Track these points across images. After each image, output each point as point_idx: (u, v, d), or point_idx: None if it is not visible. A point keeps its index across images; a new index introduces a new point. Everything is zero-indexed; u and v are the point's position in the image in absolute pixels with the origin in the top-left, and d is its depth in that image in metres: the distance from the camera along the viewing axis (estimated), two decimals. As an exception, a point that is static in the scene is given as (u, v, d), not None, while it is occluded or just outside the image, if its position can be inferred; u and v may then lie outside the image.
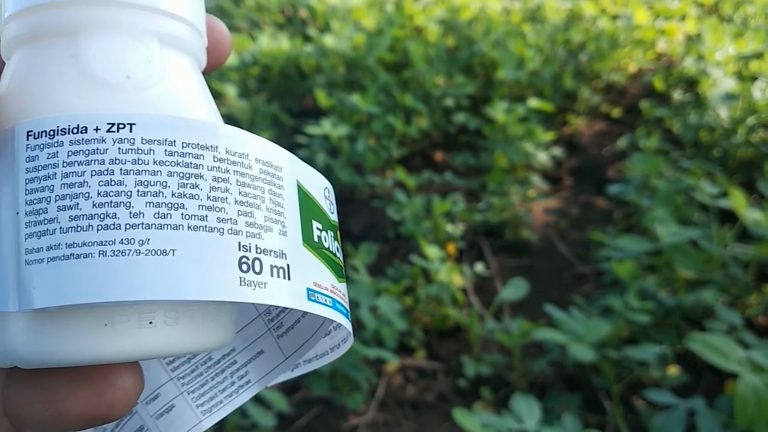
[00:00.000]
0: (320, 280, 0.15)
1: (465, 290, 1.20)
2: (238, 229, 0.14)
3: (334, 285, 0.16)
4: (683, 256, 1.00)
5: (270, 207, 0.14)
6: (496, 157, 1.44)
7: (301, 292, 0.14)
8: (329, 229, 0.16)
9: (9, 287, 0.13)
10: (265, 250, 0.14)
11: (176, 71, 0.15)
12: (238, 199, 0.14)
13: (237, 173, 0.14)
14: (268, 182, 0.14)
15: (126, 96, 0.14)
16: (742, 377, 0.73)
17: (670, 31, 1.93)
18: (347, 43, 1.73)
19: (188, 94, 0.15)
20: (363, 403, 0.99)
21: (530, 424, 0.78)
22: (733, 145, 1.41)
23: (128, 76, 0.14)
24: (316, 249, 0.15)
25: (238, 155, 0.14)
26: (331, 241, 0.16)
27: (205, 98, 0.16)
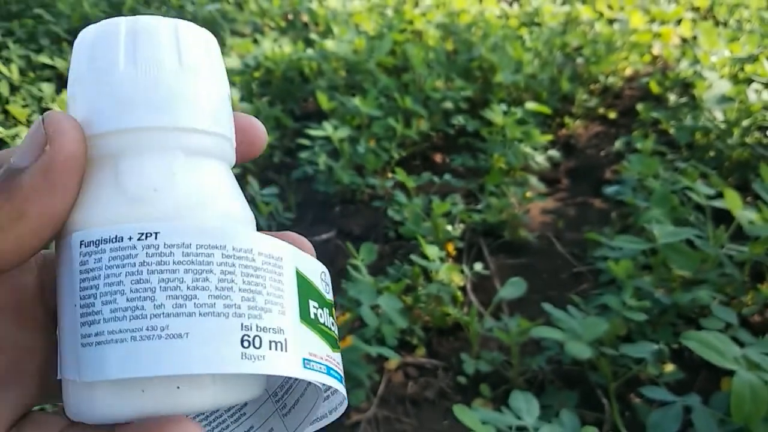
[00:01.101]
0: (316, 350, 0.18)
1: (464, 289, 1.22)
2: (241, 312, 0.16)
3: (329, 355, 0.18)
4: (679, 256, 1.01)
5: (270, 291, 0.17)
6: (495, 158, 1.46)
7: (297, 362, 0.17)
8: (325, 307, 0.19)
9: (72, 362, 0.17)
10: (264, 328, 0.17)
11: (200, 176, 0.18)
12: (242, 287, 0.17)
13: (242, 266, 0.17)
14: (269, 271, 0.17)
15: (154, 207, 0.17)
16: (738, 375, 0.75)
17: (666, 35, 1.95)
18: (348, 46, 1.75)
19: (209, 196, 0.18)
20: (364, 400, 1.00)
21: (529, 421, 0.78)
22: (729, 147, 1.43)
23: (155, 189, 0.17)
24: (313, 324, 0.18)
25: (243, 251, 0.17)
26: (326, 317, 0.19)
27: (227, 194, 0.19)
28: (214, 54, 0.20)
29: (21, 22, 2.09)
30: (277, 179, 1.60)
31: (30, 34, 2.06)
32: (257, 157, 0.22)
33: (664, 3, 2.23)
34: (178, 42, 0.18)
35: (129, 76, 0.18)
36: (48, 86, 1.70)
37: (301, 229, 1.45)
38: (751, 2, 2.09)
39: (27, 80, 1.79)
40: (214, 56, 0.20)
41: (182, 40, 0.18)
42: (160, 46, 0.18)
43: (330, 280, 0.20)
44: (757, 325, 1.10)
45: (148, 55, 0.18)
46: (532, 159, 1.47)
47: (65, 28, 2.08)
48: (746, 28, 2.00)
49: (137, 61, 0.18)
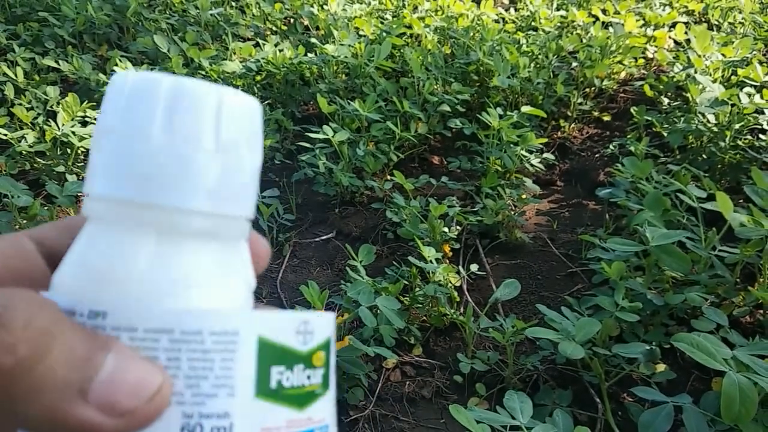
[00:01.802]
0: (273, 422, 0.17)
1: (461, 289, 1.24)
2: (183, 400, 0.16)
3: (293, 418, 0.18)
4: (671, 258, 1.03)
5: (219, 374, 0.16)
6: (491, 161, 1.48)
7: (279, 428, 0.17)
8: (299, 363, 0.18)
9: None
10: (207, 415, 0.16)
11: (176, 261, 0.17)
12: (187, 373, 0.16)
13: (189, 350, 0.16)
14: (220, 351, 0.17)
15: (115, 287, 0.17)
16: (727, 376, 0.77)
17: (660, 39, 1.97)
18: (348, 51, 1.77)
19: (181, 279, 0.17)
20: (362, 399, 1.03)
21: (522, 420, 0.80)
22: (721, 150, 1.45)
23: (120, 269, 0.17)
24: (274, 394, 0.17)
25: (192, 333, 0.16)
26: (298, 374, 0.18)
27: (205, 279, 0.18)
28: (255, 127, 0.19)
29: (26, 26, 2.11)
30: (278, 181, 1.62)
31: (35, 38, 2.09)
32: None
33: (659, 7, 2.25)
34: (219, 117, 0.17)
35: (159, 146, 0.17)
36: (53, 89, 1.73)
37: (302, 230, 1.48)
38: (745, 6, 2.11)
39: (32, 83, 1.82)
40: (255, 130, 0.19)
41: (224, 114, 0.17)
42: (200, 119, 0.17)
43: (317, 325, 0.19)
44: (747, 326, 1.12)
45: (185, 127, 0.17)
46: (527, 161, 1.49)
47: (70, 32, 2.10)
48: (739, 32, 2.02)
49: (174, 132, 0.17)
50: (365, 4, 2.26)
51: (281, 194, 1.51)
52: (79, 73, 1.85)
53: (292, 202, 1.53)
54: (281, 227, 1.45)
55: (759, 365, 0.81)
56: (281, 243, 1.42)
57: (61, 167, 1.54)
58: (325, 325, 0.19)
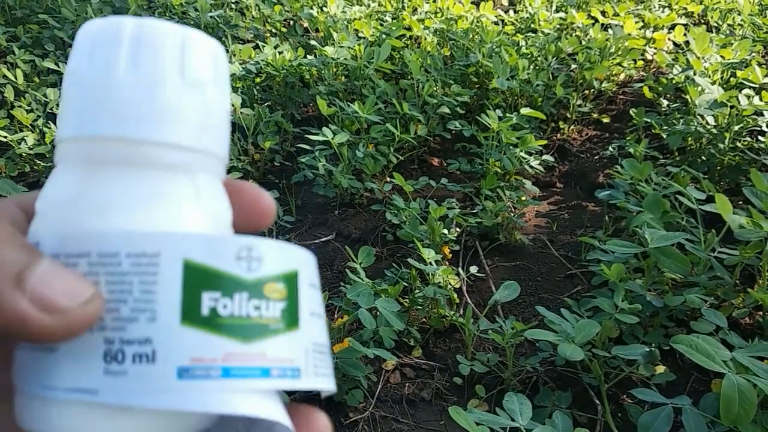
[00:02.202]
0: (203, 353, 0.15)
1: (460, 291, 1.24)
2: (104, 326, 0.16)
3: (234, 351, 0.16)
4: (670, 260, 1.03)
5: (138, 297, 0.15)
6: (491, 163, 1.49)
7: (167, 372, 0.15)
8: (241, 291, 0.16)
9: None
10: (128, 341, 0.15)
11: (107, 184, 0.17)
12: (107, 297, 0.16)
13: (106, 273, 0.16)
14: (138, 273, 0.16)
15: (58, 217, 0.17)
16: (727, 378, 0.77)
17: (659, 41, 1.97)
18: (347, 53, 1.77)
19: (103, 203, 0.17)
20: (362, 400, 1.03)
21: (522, 422, 0.80)
22: (720, 152, 1.45)
23: (63, 200, 0.17)
24: (205, 322, 0.16)
25: (108, 256, 0.16)
26: (240, 303, 0.16)
27: (135, 201, 0.17)
28: (220, 68, 0.19)
29: (26, 28, 2.12)
30: (278, 183, 1.62)
31: (35, 40, 2.09)
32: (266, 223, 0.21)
33: (658, 9, 2.25)
34: (183, 54, 0.17)
35: (126, 83, 0.17)
36: (53, 91, 1.73)
37: (301, 232, 1.48)
38: (744, 8, 2.11)
39: (32, 85, 1.82)
40: (220, 70, 0.19)
41: (188, 52, 0.17)
42: (163, 56, 0.17)
43: (266, 250, 0.17)
44: (747, 327, 1.12)
45: (150, 64, 0.17)
46: (526, 163, 1.49)
47: (70, 34, 2.10)
48: (738, 34, 2.03)
49: (138, 69, 0.17)
50: (365, 6, 2.26)
51: (281, 196, 1.51)
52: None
53: (291, 203, 1.53)
54: (281, 229, 1.45)
55: (758, 367, 0.81)
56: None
57: (60, 169, 1.54)
58: (286, 256, 0.17)
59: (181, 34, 0.18)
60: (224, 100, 0.19)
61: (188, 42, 0.18)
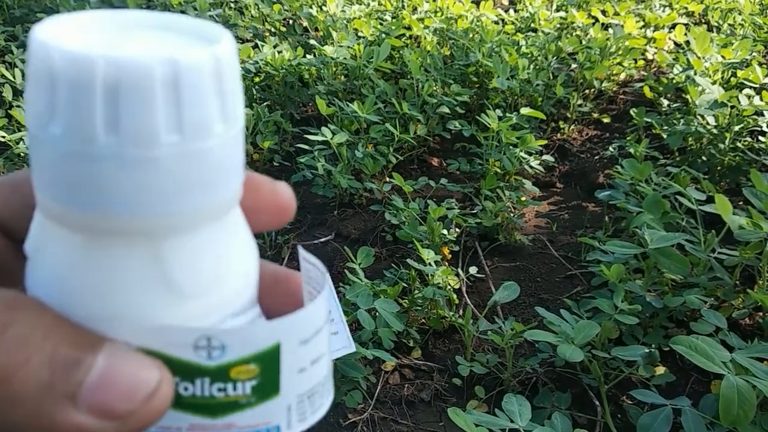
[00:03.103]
0: (169, 422, 0.16)
1: (460, 291, 1.24)
2: None
3: (198, 423, 0.16)
4: (669, 260, 1.03)
5: None
6: (490, 163, 1.48)
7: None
8: (203, 377, 0.16)
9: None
10: None
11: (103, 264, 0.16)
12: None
13: None
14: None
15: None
16: (726, 379, 0.77)
17: (660, 40, 1.97)
18: (347, 52, 1.77)
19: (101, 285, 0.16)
20: (361, 402, 1.02)
21: (521, 424, 0.80)
22: (720, 152, 1.45)
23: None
24: (194, 408, 0.16)
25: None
26: (203, 386, 0.16)
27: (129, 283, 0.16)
28: (230, 81, 0.16)
29: (24, 27, 2.11)
30: (277, 183, 1.62)
31: (33, 39, 2.09)
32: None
33: (659, 8, 2.25)
34: (223, 88, 0.15)
35: (105, 153, 0.14)
36: (51, 91, 1.73)
37: (300, 232, 1.48)
38: (744, 7, 2.11)
39: (30, 85, 1.82)
40: (228, 86, 0.16)
41: (227, 80, 0.15)
42: (207, 100, 0.14)
43: (229, 342, 0.16)
44: (746, 328, 1.12)
45: (195, 118, 0.14)
46: (526, 163, 1.49)
47: (67, 33, 2.10)
48: (739, 33, 2.03)
49: (120, 132, 0.14)
50: (364, 5, 2.26)
51: (280, 196, 1.51)
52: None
53: (290, 203, 1.53)
54: (280, 229, 1.45)
55: (758, 368, 0.81)
56: (280, 245, 1.42)
57: (59, 169, 1.53)
58: (258, 339, 0.16)
59: (171, 67, 0.14)
60: (241, 117, 0.16)
61: (182, 74, 0.14)
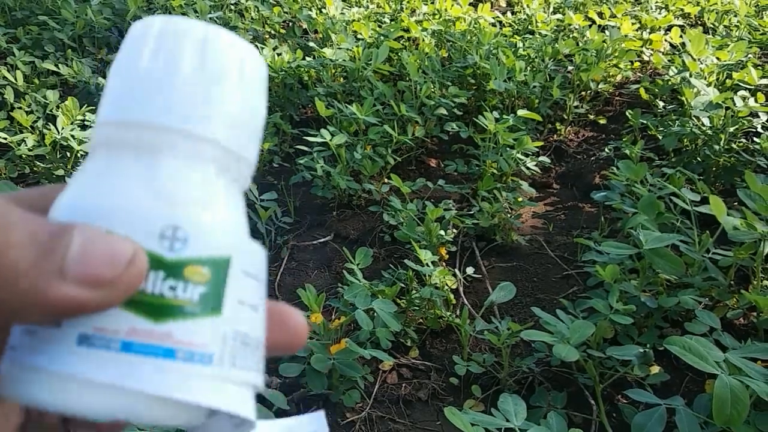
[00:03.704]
0: (106, 324, 0.15)
1: (457, 292, 1.25)
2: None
3: (139, 328, 0.15)
4: (664, 261, 1.04)
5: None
6: (487, 164, 1.50)
7: (69, 338, 0.15)
8: (158, 269, 0.16)
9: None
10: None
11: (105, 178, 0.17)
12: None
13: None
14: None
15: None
16: (719, 379, 0.78)
17: (656, 42, 1.98)
18: (346, 54, 1.78)
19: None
20: (359, 401, 1.04)
21: (516, 423, 0.81)
22: (715, 153, 1.46)
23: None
24: (138, 305, 0.16)
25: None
26: (156, 282, 0.16)
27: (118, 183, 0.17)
28: (247, 68, 0.19)
29: (26, 29, 2.12)
30: (276, 184, 1.63)
31: (35, 41, 2.10)
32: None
33: (655, 10, 2.26)
34: (204, 48, 0.18)
35: (146, 71, 0.18)
36: (53, 93, 1.74)
37: (300, 233, 1.49)
38: (740, 9, 2.12)
39: (32, 87, 1.83)
40: (246, 70, 0.19)
41: (210, 46, 0.18)
42: (184, 48, 0.18)
43: (188, 232, 0.16)
44: (741, 328, 1.13)
45: (170, 55, 0.18)
46: (523, 164, 1.50)
47: (70, 35, 2.11)
48: (735, 35, 2.04)
49: (202, 68, 0.18)
50: (363, 7, 2.27)
51: (279, 197, 1.52)
52: (79, 77, 1.86)
53: (290, 205, 1.54)
54: (279, 230, 1.46)
55: (751, 368, 0.82)
56: (279, 246, 1.43)
57: (60, 171, 1.55)
58: (219, 242, 0.17)
59: (241, 47, 0.19)
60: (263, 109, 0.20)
61: (246, 55, 0.19)
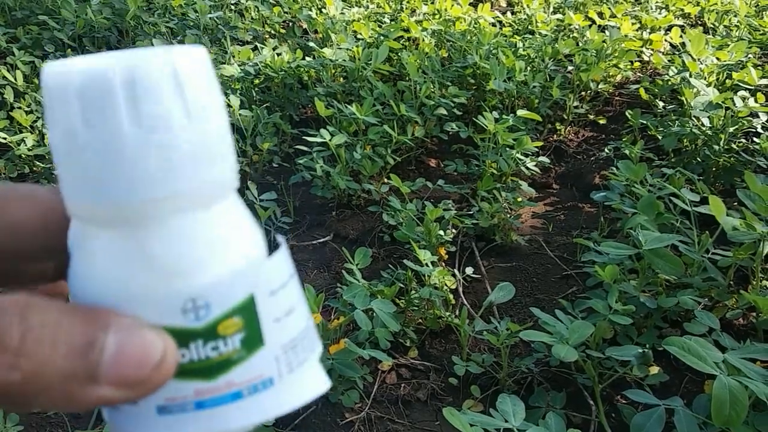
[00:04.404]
0: (175, 393, 0.17)
1: (456, 292, 1.25)
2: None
3: (202, 388, 0.17)
4: (663, 261, 1.03)
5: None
6: (487, 164, 1.49)
7: (149, 411, 0.17)
8: (196, 339, 0.17)
9: None
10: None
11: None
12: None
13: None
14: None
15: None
16: (718, 379, 0.78)
17: (656, 42, 1.98)
18: (346, 54, 1.78)
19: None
20: (358, 401, 1.04)
21: (515, 424, 0.81)
22: (715, 153, 1.46)
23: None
24: (194, 373, 0.17)
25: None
26: (197, 349, 0.17)
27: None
28: (212, 78, 0.18)
29: (26, 29, 2.12)
30: (276, 184, 1.63)
31: (35, 41, 2.10)
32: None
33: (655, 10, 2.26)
34: (182, 88, 0.16)
35: (135, 139, 0.16)
36: (52, 93, 1.74)
37: (299, 233, 1.49)
38: (740, 9, 2.12)
39: (32, 87, 1.83)
40: (213, 83, 0.18)
41: (186, 82, 0.16)
42: (163, 97, 0.16)
43: (213, 298, 0.17)
44: (740, 328, 1.13)
45: (101, 117, 0.16)
46: (523, 165, 1.50)
47: (69, 35, 2.11)
48: (735, 35, 2.03)
49: (142, 121, 0.16)
50: (363, 7, 2.27)
51: (279, 197, 1.52)
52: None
53: (289, 204, 1.54)
54: (279, 230, 1.46)
55: (750, 369, 0.82)
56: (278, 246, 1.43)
57: (60, 170, 1.55)
58: (236, 288, 0.18)
59: (163, 60, 0.16)
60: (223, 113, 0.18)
61: (175, 66, 0.16)
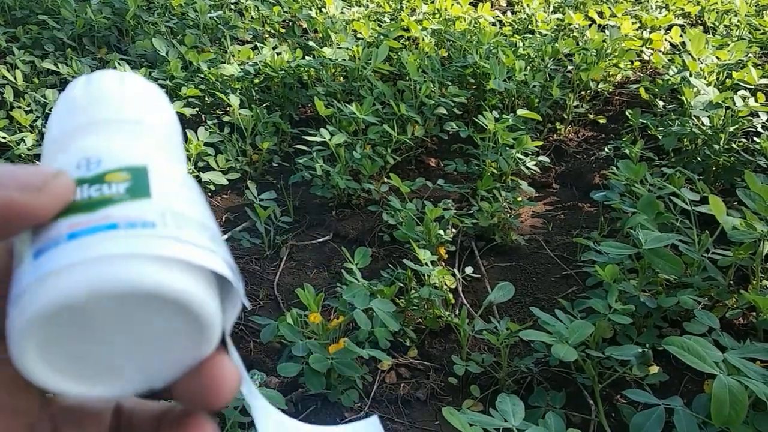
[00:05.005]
0: (49, 233, 0.18)
1: (456, 291, 1.25)
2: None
3: (77, 221, 0.18)
4: (663, 261, 1.03)
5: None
6: (487, 164, 1.49)
7: (28, 261, 0.18)
8: (83, 183, 0.19)
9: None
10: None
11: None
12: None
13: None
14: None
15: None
16: (718, 379, 0.78)
17: (656, 42, 1.98)
18: (345, 54, 1.78)
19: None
20: (358, 401, 1.04)
21: (514, 423, 0.81)
22: (715, 153, 1.46)
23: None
24: (73, 210, 0.19)
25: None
26: (83, 191, 0.19)
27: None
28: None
29: (26, 29, 2.12)
30: (276, 183, 1.63)
31: (34, 41, 2.10)
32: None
33: (655, 10, 2.26)
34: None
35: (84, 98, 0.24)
36: (52, 92, 1.74)
37: (299, 232, 1.49)
38: (740, 9, 2.12)
39: (31, 86, 1.83)
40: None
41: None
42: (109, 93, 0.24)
43: (106, 158, 0.20)
44: (740, 328, 1.13)
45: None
46: (523, 164, 1.50)
47: (69, 35, 2.11)
48: (735, 35, 2.03)
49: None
50: (363, 7, 2.27)
51: (279, 197, 1.52)
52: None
53: (289, 204, 1.54)
54: (278, 229, 1.46)
55: (750, 368, 0.82)
56: (278, 245, 1.43)
57: (60, 170, 1.55)
58: (131, 157, 0.20)
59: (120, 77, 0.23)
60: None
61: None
